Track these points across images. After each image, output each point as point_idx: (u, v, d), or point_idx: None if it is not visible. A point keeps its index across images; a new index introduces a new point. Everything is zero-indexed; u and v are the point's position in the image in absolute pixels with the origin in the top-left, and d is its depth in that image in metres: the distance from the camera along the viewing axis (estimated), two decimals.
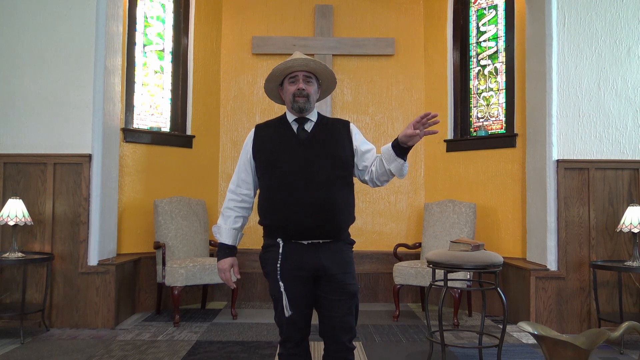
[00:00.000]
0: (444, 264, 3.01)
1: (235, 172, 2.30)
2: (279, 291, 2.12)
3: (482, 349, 3.27)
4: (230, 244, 2.26)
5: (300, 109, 2.21)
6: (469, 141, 5.22)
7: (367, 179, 2.26)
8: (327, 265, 2.12)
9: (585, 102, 4.20)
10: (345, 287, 2.14)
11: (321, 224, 2.10)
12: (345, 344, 2.14)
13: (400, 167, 2.15)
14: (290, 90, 2.22)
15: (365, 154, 2.24)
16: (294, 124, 2.24)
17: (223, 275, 2.26)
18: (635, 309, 4.10)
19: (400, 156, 2.12)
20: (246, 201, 2.28)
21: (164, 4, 5.25)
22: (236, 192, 2.27)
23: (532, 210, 4.45)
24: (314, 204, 2.08)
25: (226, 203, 2.28)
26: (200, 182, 5.35)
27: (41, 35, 4.15)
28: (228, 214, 2.27)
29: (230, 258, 2.26)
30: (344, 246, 2.20)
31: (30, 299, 4.03)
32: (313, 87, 2.25)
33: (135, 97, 4.96)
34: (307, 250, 2.12)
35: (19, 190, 4.07)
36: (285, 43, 5.59)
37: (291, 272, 2.12)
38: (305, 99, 2.20)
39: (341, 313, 2.13)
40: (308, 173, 2.11)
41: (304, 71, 2.22)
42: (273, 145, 2.20)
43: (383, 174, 2.19)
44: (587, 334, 2.00)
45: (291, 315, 2.10)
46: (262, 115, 5.63)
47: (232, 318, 4.50)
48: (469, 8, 5.37)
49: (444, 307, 3.78)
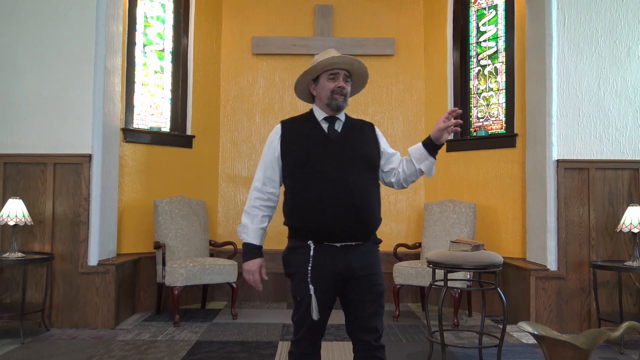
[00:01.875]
0: (444, 264, 3.01)
1: (259, 170, 2.20)
2: (307, 294, 2.06)
3: (482, 349, 3.27)
4: (258, 244, 2.18)
5: (338, 107, 2.17)
6: (469, 141, 5.22)
7: (392, 181, 2.27)
8: (356, 267, 2.09)
9: (585, 102, 4.20)
10: (373, 288, 2.12)
11: (355, 226, 2.07)
12: (371, 342, 2.14)
13: (430, 166, 2.20)
14: (329, 87, 2.16)
15: (392, 157, 2.26)
16: (324, 122, 2.19)
17: (251, 277, 2.18)
18: (635, 309, 4.10)
19: (431, 154, 2.17)
20: (272, 200, 2.20)
21: (164, 4, 5.25)
22: (262, 191, 2.18)
23: (532, 210, 4.45)
24: (348, 205, 2.04)
25: (252, 202, 2.18)
26: (200, 182, 5.35)
27: (41, 35, 4.15)
28: (255, 213, 2.17)
29: (259, 259, 2.18)
30: (372, 247, 2.18)
31: (30, 299, 4.03)
32: (350, 87, 2.23)
33: (135, 97, 4.96)
34: (338, 252, 2.07)
35: (19, 190, 4.07)
36: (285, 43, 5.59)
37: (322, 275, 2.07)
38: (344, 98, 2.18)
39: (368, 313, 2.12)
40: (340, 174, 2.06)
41: (345, 70, 2.19)
42: (303, 144, 2.13)
43: (412, 174, 2.21)
44: (587, 334, 2.00)
45: (318, 318, 2.07)
46: (262, 115, 5.64)
47: (232, 318, 4.49)
48: (469, 8, 5.37)
49: (444, 307, 3.77)
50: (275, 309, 4.89)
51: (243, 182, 5.59)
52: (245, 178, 5.59)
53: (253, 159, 5.61)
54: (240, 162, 5.62)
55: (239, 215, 5.55)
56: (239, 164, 5.62)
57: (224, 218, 5.56)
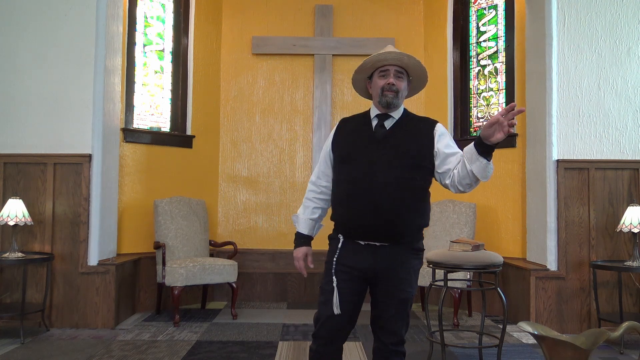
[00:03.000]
0: (444, 264, 3.01)
1: (318, 164, 2.31)
2: (330, 285, 2.11)
3: (482, 349, 3.27)
4: (307, 233, 2.28)
5: (388, 104, 2.14)
6: (469, 141, 5.16)
7: (448, 183, 2.13)
8: (379, 269, 2.09)
9: (585, 102, 4.20)
10: (395, 293, 2.10)
11: (378, 226, 2.05)
12: (388, 346, 2.13)
13: (483, 168, 1.99)
14: (379, 84, 2.16)
15: (449, 157, 2.11)
16: (375, 120, 2.19)
17: (297, 263, 2.27)
18: (635, 309, 4.10)
19: (482, 155, 1.97)
20: (325, 193, 2.28)
21: (164, 4, 5.25)
22: (316, 184, 2.29)
23: (532, 210, 4.45)
24: (373, 204, 2.04)
25: (306, 194, 2.31)
26: (200, 182, 5.35)
27: (41, 35, 4.15)
28: (307, 204, 2.29)
29: (305, 247, 2.28)
30: (405, 252, 2.12)
31: (30, 299, 4.03)
32: (403, 83, 2.18)
33: (135, 97, 4.96)
34: (363, 250, 2.10)
35: (19, 190, 4.07)
36: (285, 43, 5.59)
37: (345, 269, 2.11)
38: (394, 94, 2.14)
39: (387, 316, 2.12)
40: (373, 172, 2.06)
41: (396, 65, 2.16)
42: (350, 141, 2.18)
43: (465, 176, 2.04)
44: (587, 334, 1.99)
45: (339, 313, 2.08)
46: (262, 115, 5.64)
47: (232, 318, 4.50)
48: (469, 8, 5.37)
49: (444, 307, 3.77)
50: (275, 309, 4.89)
51: (243, 182, 5.59)
52: (245, 178, 5.59)
53: (253, 158, 5.61)
54: (240, 162, 5.62)
55: (239, 215, 5.56)
56: (239, 164, 5.61)
57: (224, 218, 5.56)
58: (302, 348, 3.65)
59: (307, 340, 3.82)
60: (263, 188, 5.58)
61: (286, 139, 5.63)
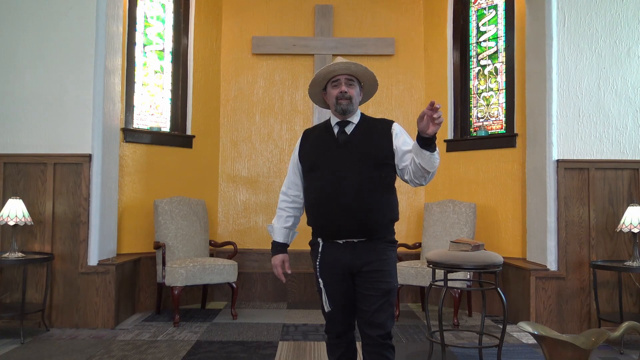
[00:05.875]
0: (444, 264, 3.01)
1: (287, 174, 2.45)
2: (319, 287, 2.28)
3: (482, 349, 3.27)
4: (282, 241, 2.42)
5: (344, 110, 2.28)
6: (469, 141, 5.22)
7: (407, 179, 2.26)
8: (359, 264, 2.21)
9: (585, 102, 4.20)
10: (377, 284, 2.20)
11: (352, 224, 2.18)
12: (377, 339, 2.19)
13: (428, 159, 2.09)
14: (333, 94, 2.31)
15: (406, 154, 2.23)
16: (336, 127, 2.33)
17: (275, 270, 2.41)
18: (635, 309, 4.10)
19: (424, 147, 2.06)
20: (296, 202, 2.42)
21: (164, 4, 5.25)
22: (287, 194, 2.43)
23: (532, 211, 4.45)
24: (344, 205, 2.17)
25: (279, 204, 2.45)
26: (200, 182, 5.35)
27: (41, 35, 4.15)
28: (280, 214, 2.43)
29: (282, 254, 2.41)
30: (382, 244, 2.24)
31: (30, 299, 4.03)
32: (355, 90, 2.32)
33: (135, 97, 4.96)
34: (343, 249, 2.23)
35: (19, 190, 4.07)
36: (285, 43, 5.59)
37: (329, 270, 2.26)
38: (348, 101, 2.28)
39: (372, 309, 2.20)
40: (340, 175, 2.20)
41: (346, 74, 2.30)
42: (314, 149, 2.33)
43: (417, 170, 2.16)
44: (587, 334, 2.00)
45: (331, 310, 2.27)
46: (262, 115, 5.64)
47: (232, 318, 4.50)
48: (469, 8, 5.37)
49: (444, 307, 3.77)
50: (275, 309, 4.89)
51: (243, 182, 5.59)
52: (245, 178, 5.59)
53: (253, 159, 5.61)
54: (240, 162, 5.62)
55: (239, 215, 5.56)
56: (239, 164, 5.62)
57: (224, 218, 5.56)
58: (302, 348, 3.65)
59: (307, 340, 3.82)
60: (263, 188, 5.59)
61: (286, 139, 5.63)
